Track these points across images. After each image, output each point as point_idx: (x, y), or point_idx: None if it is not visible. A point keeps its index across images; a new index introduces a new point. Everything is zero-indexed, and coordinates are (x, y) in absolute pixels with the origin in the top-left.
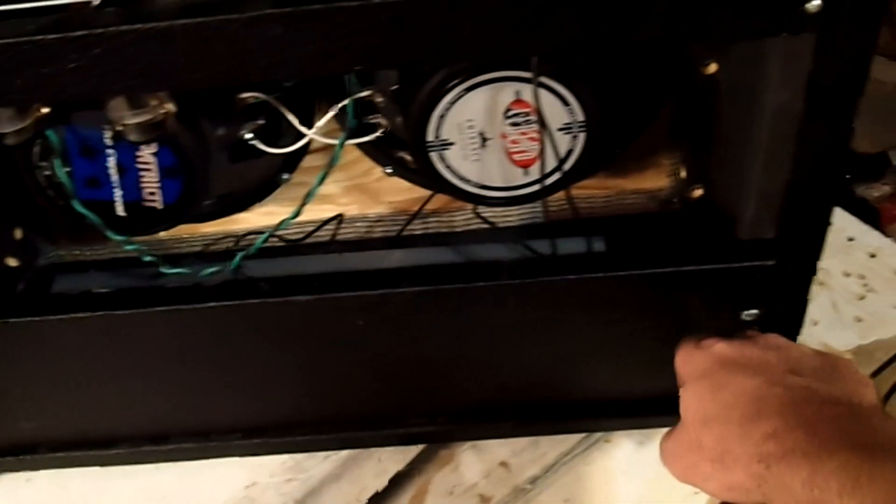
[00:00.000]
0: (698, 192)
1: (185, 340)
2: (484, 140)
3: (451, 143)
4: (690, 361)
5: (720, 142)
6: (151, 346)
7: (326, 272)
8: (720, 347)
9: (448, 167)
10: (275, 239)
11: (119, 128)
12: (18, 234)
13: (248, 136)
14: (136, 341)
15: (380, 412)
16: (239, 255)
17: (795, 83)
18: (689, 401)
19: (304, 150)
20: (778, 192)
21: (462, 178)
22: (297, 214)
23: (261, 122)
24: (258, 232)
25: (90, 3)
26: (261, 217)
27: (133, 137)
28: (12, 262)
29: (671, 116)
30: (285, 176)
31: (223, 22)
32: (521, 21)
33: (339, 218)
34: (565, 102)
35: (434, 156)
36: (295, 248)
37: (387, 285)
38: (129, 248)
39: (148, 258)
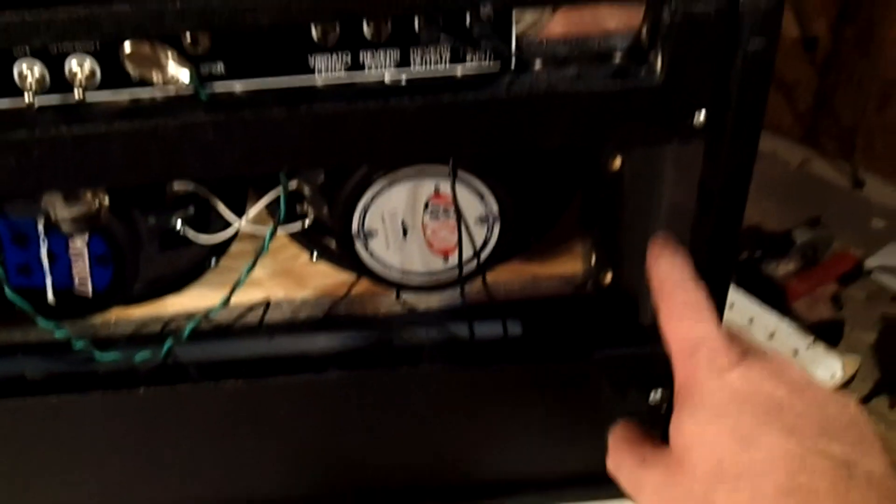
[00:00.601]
0: (609, 278)
1: (114, 425)
2: (406, 230)
3: (374, 233)
4: (696, 382)
5: (624, 231)
6: (81, 432)
7: (255, 356)
8: (736, 378)
9: (372, 255)
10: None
11: (53, 219)
12: None
13: (178, 224)
14: (66, 427)
15: (306, 495)
16: (168, 342)
17: (688, 184)
18: (697, 441)
19: (233, 237)
20: None
21: (385, 266)
22: (226, 303)
23: (191, 210)
24: (188, 315)
25: (31, 105)
26: (190, 299)
27: (67, 229)
28: None
29: (581, 205)
30: (213, 261)
31: (158, 127)
32: (435, 130)
33: (266, 304)
34: (480, 196)
35: (359, 245)
36: (223, 331)
37: (311, 370)
38: (58, 334)
39: (79, 345)
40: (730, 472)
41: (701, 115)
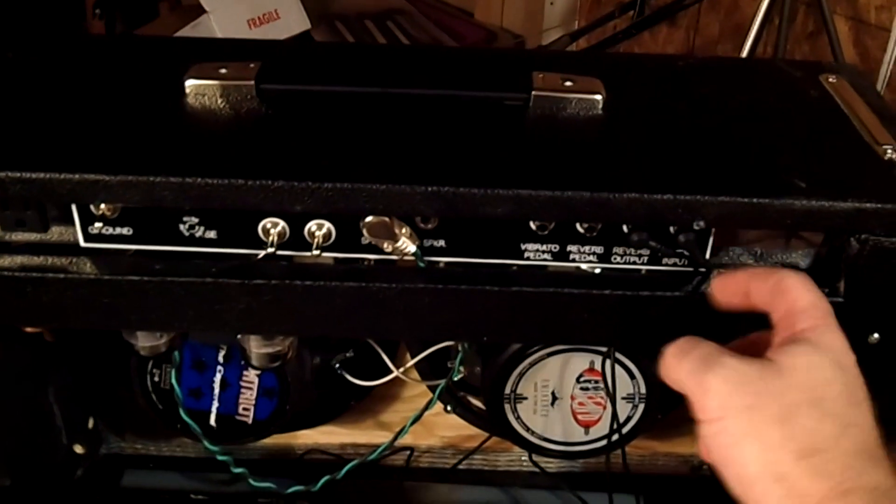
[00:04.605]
0: None
1: None
2: (554, 398)
3: (524, 398)
4: (812, 329)
5: None
6: None
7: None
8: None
9: (518, 418)
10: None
11: (248, 354)
12: (90, 423)
13: (337, 366)
14: None
15: None
16: (325, 478)
17: None
18: (801, 359)
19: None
20: None
21: (528, 429)
22: (389, 447)
23: (350, 354)
24: (318, 450)
25: (270, 257)
26: (319, 435)
27: (257, 364)
28: (79, 449)
29: None
30: (353, 402)
31: (381, 289)
32: (625, 319)
33: (410, 450)
34: (632, 376)
35: (507, 406)
36: (366, 470)
37: None
38: (221, 458)
39: (238, 470)
40: (824, 401)
41: (874, 336)
